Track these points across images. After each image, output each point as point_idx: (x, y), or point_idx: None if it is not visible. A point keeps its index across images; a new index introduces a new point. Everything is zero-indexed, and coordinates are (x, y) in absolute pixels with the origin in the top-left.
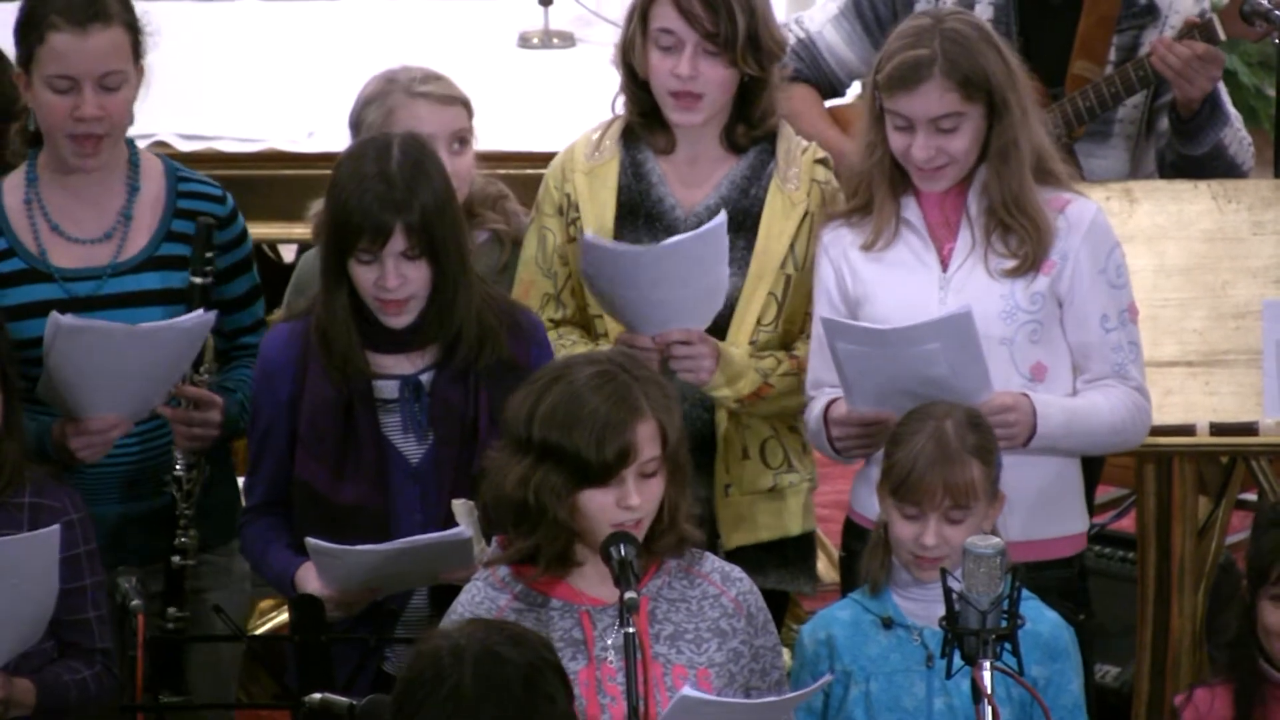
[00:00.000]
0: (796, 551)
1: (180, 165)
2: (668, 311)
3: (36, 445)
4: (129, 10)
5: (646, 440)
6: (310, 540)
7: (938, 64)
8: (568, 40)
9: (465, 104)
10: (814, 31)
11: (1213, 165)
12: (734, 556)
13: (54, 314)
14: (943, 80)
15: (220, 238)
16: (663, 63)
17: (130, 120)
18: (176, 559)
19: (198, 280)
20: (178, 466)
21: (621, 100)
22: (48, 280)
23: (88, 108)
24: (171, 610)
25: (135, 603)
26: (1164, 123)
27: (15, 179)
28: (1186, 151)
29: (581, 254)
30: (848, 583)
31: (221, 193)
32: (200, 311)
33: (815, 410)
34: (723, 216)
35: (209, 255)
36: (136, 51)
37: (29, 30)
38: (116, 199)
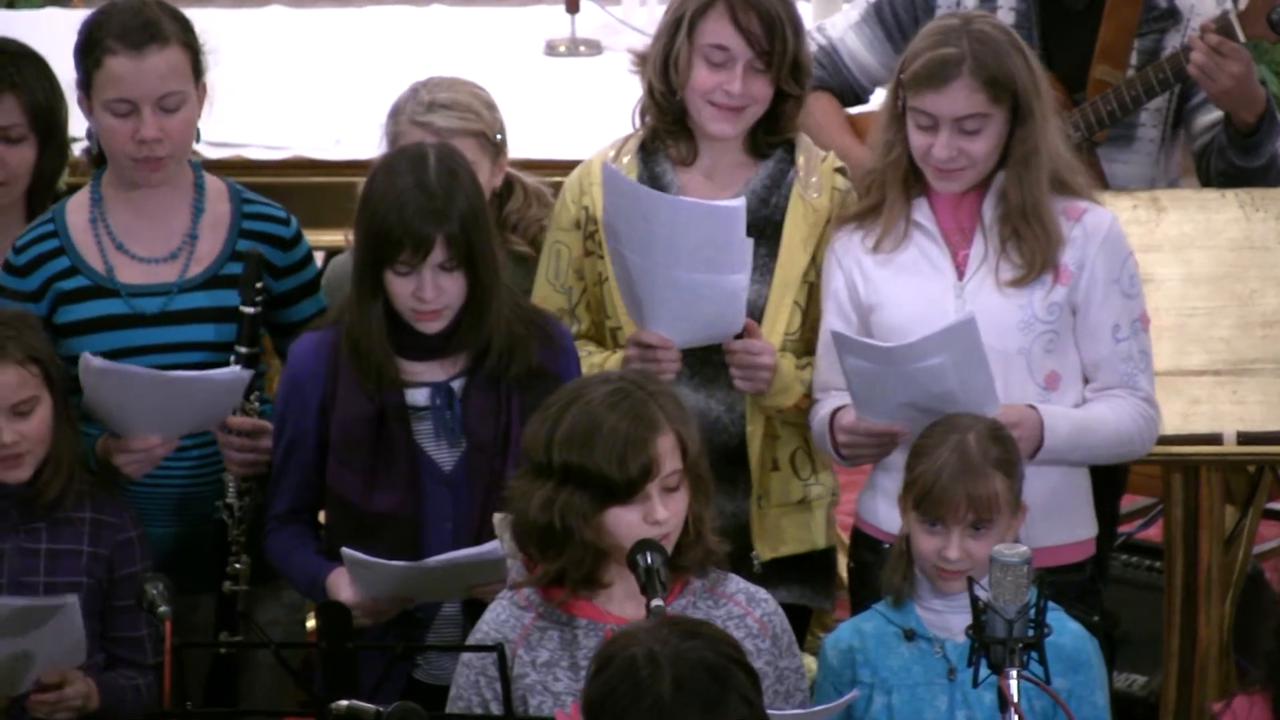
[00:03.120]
0: (820, 566)
1: (244, 188)
2: (673, 297)
3: (83, 460)
4: (187, 30)
5: (667, 453)
6: (346, 550)
7: (966, 64)
8: (594, 48)
9: (476, 134)
10: (835, 38)
11: (1264, 175)
12: (767, 571)
13: (84, 356)
14: (970, 80)
15: (284, 260)
16: (711, 77)
17: (195, 139)
18: (228, 584)
19: (248, 310)
20: (229, 492)
21: (645, 111)
22: (113, 296)
23: (148, 130)
24: (224, 635)
25: (162, 609)
26: (1197, 126)
27: (80, 198)
28: (1243, 164)
29: (603, 189)
30: (857, 594)
31: (286, 215)
32: (237, 368)
33: (821, 413)
34: (740, 201)
35: (259, 285)
36: (196, 70)
37: (86, 54)
38: (181, 219)
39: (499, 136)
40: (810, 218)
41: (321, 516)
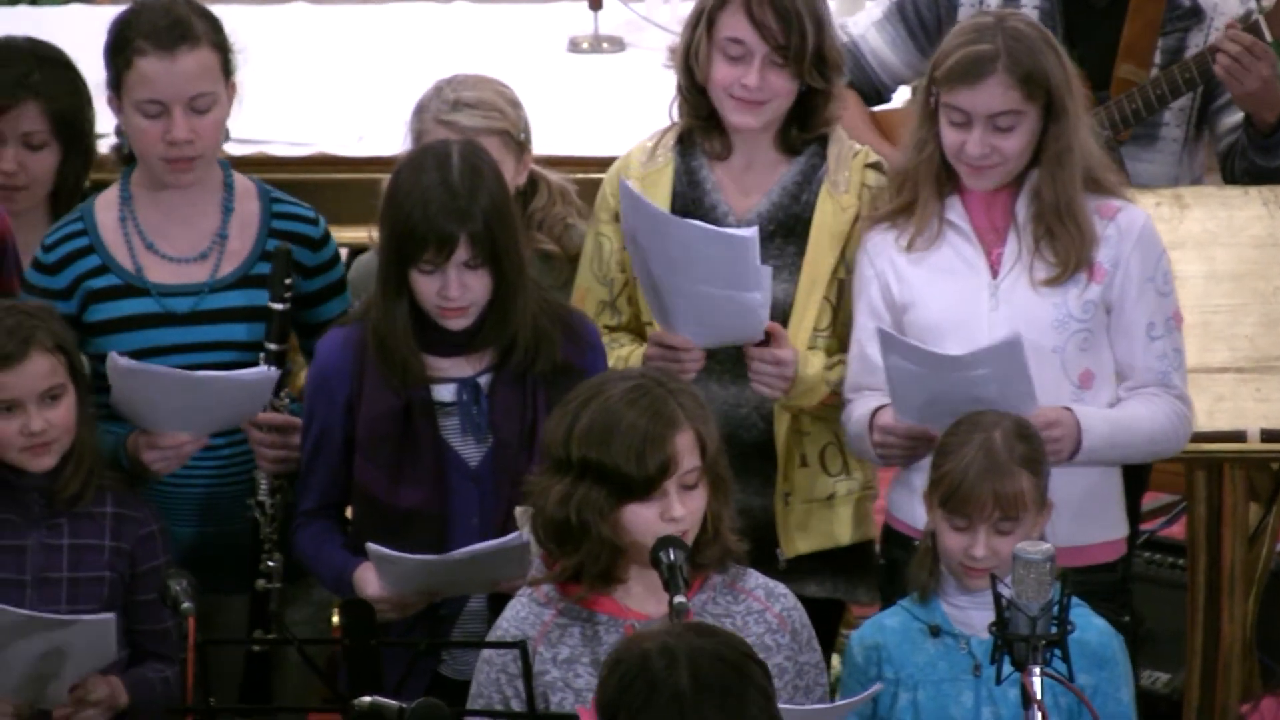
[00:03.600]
0: (855, 560)
1: (273, 188)
2: (692, 305)
3: (112, 456)
4: (217, 30)
5: (686, 451)
6: (371, 546)
7: (1001, 60)
8: (617, 45)
9: (500, 133)
10: (858, 35)
11: None
12: (793, 565)
13: (111, 355)
14: (1005, 76)
15: (313, 260)
16: (729, 71)
17: (225, 138)
18: (261, 582)
19: (277, 306)
20: (261, 489)
21: (678, 106)
22: (144, 295)
23: (178, 131)
24: (258, 633)
25: (186, 605)
26: (1222, 128)
27: (109, 196)
28: (1264, 164)
29: (621, 205)
30: (887, 591)
31: (314, 215)
32: (263, 369)
33: (857, 413)
34: (752, 232)
35: (288, 282)
36: (226, 70)
37: (116, 54)
38: (211, 219)
39: (523, 135)
40: (838, 214)
41: (349, 512)
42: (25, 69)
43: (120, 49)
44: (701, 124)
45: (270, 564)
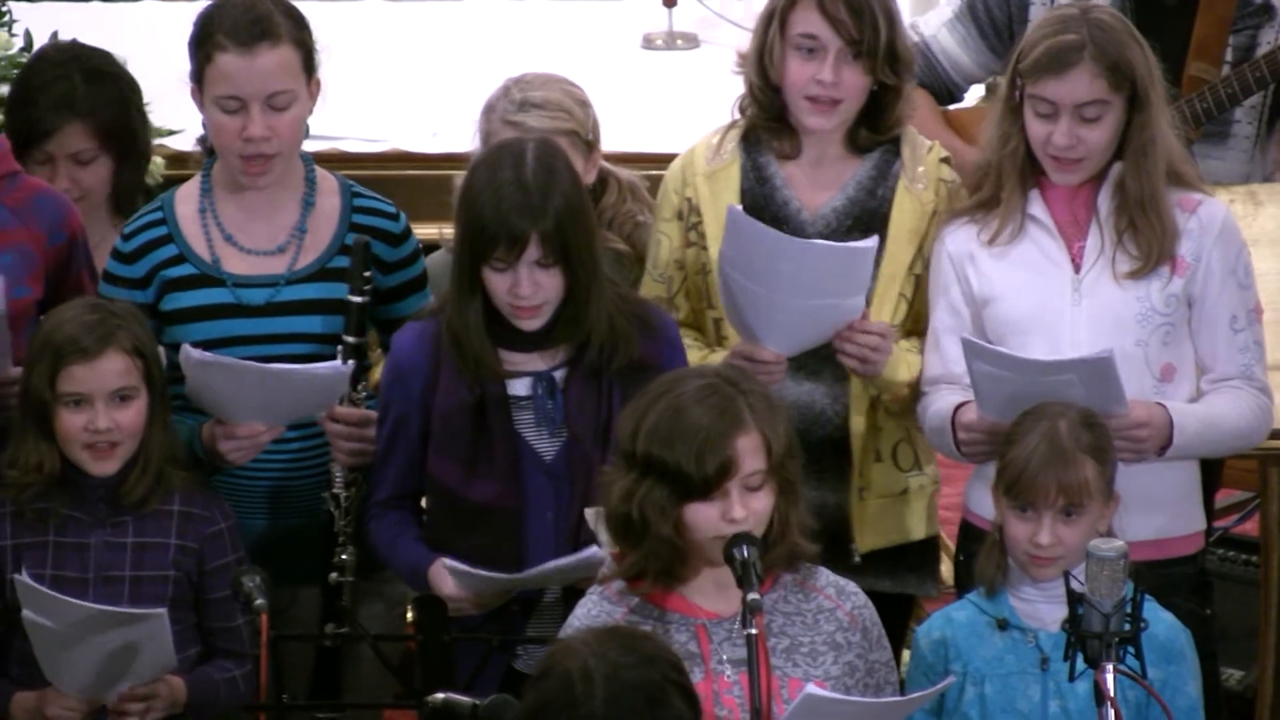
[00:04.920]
0: (922, 554)
1: (354, 183)
2: (794, 322)
3: (187, 446)
4: (300, 26)
5: (749, 453)
6: (447, 562)
7: (1088, 50)
8: (691, 42)
9: (568, 133)
10: (929, 35)
11: None
12: (866, 560)
13: (184, 348)
14: (1092, 65)
15: (393, 255)
16: (803, 68)
17: (304, 136)
18: (334, 576)
19: (355, 299)
20: (336, 483)
21: (743, 105)
22: (219, 285)
23: (255, 128)
24: (329, 626)
25: (259, 602)
26: None
27: (190, 188)
28: None
29: (725, 230)
30: (963, 586)
31: (395, 210)
32: (336, 364)
33: (935, 407)
34: (873, 241)
35: (366, 274)
36: (308, 68)
37: (198, 49)
38: (290, 215)
39: (590, 135)
40: (917, 210)
41: (424, 502)
42: (68, 88)
43: (202, 43)
44: (771, 124)
45: (344, 557)
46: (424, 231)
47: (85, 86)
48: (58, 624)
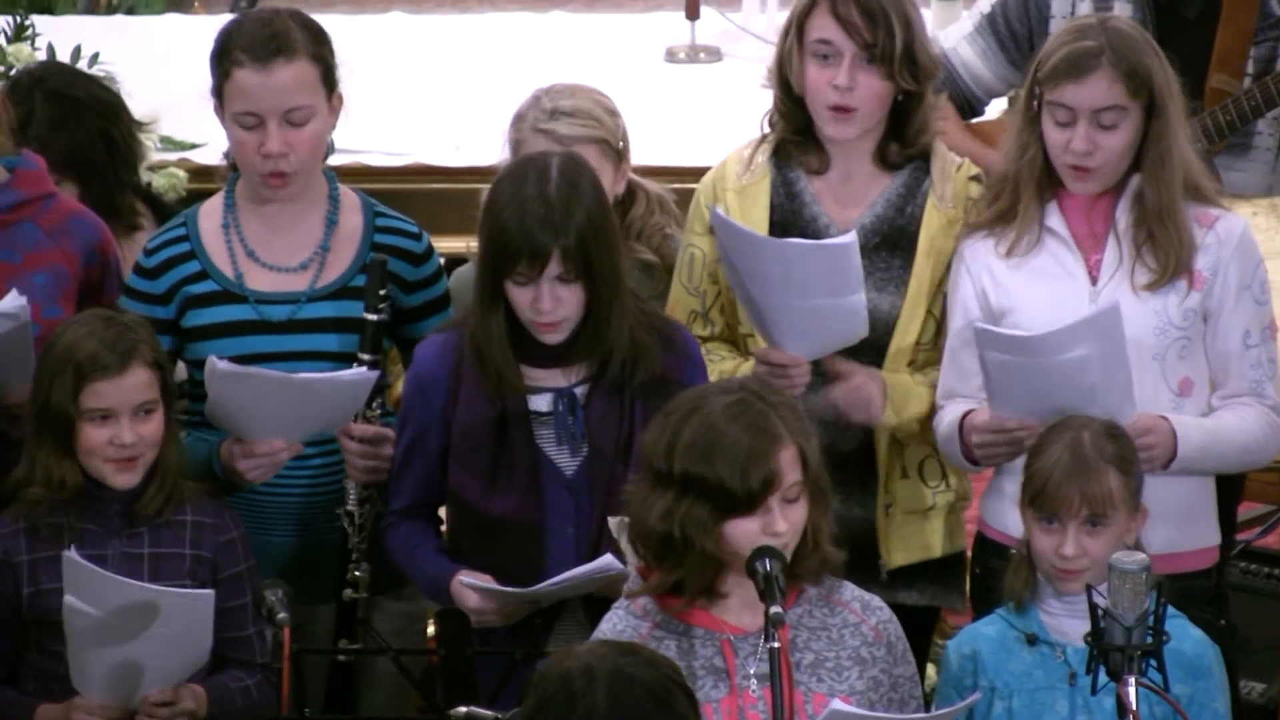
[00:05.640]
0: (950, 567)
1: (377, 201)
2: (799, 322)
3: (205, 465)
4: (319, 41)
5: (789, 465)
6: (467, 579)
7: (1106, 55)
8: (714, 55)
9: (598, 141)
10: (949, 48)
11: None
12: (893, 574)
13: (211, 359)
14: (1110, 71)
15: (415, 275)
16: (820, 74)
17: (326, 151)
18: (349, 592)
19: (371, 317)
20: (350, 499)
21: (771, 119)
22: (241, 302)
23: (272, 144)
24: (344, 642)
25: (281, 615)
26: None
27: (213, 204)
28: None
29: (715, 234)
30: (980, 600)
31: (417, 230)
32: (363, 369)
33: (948, 418)
34: (851, 236)
35: (383, 293)
36: (328, 83)
37: (218, 65)
38: (314, 231)
39: (621, 144)
40: (946, 228)
41: (442, 513)
42: (24, 114)
43: (221, 59)
44: (798, 138)
45: (358, 574)
46: (446, 245)
47: (42, 113)
48: (101, 609)
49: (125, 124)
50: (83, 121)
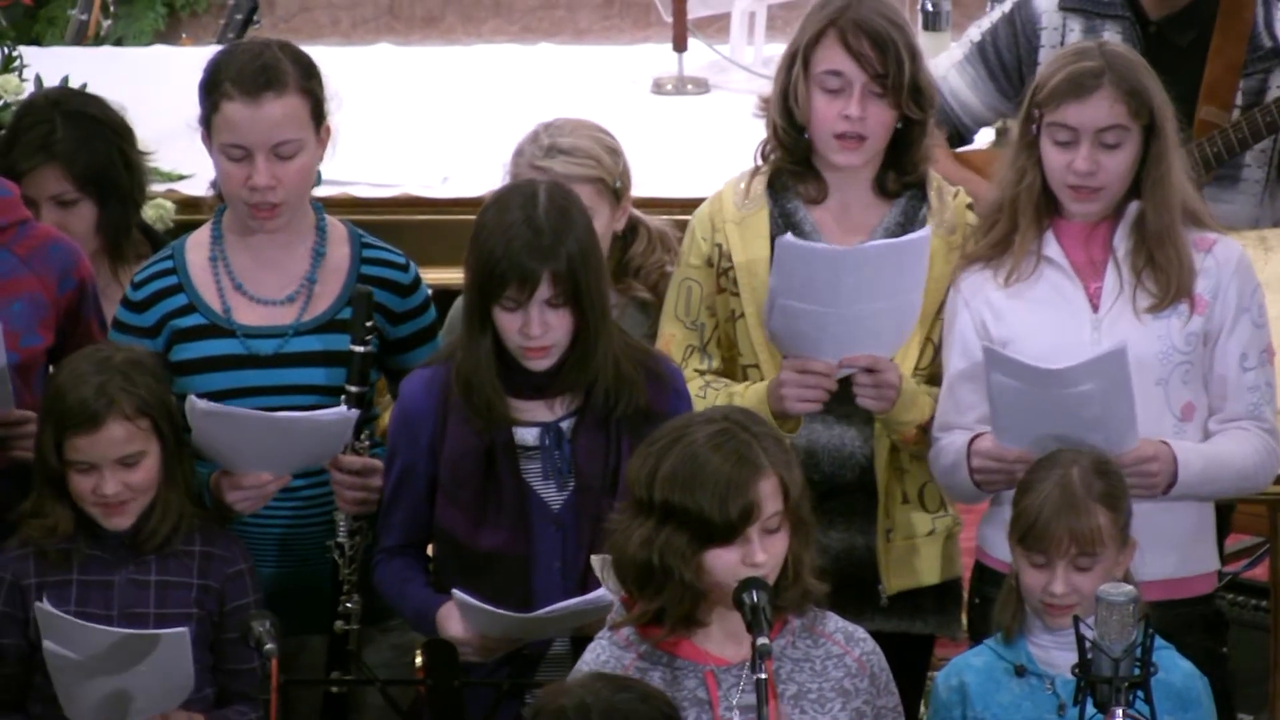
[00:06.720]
0: (947, 595)
1: (364, 232)
2: (857, 330)
3: (196, 495)
4: (308, 74)
5: (769, 496)
6: (458, 595)
7: (1107, 75)
8: (702, 86)
9: (594, 180)
10: (939, 77)
11: None
12: (893, 601)
13: (190, 398)
14: (1112, 90)
15: (402, 306)
16: (829, 105)
17: (313, 184)
18: (340, 624)
19: (357, 349)
20: (340, 531)
21: (765, 150)
22: (229, 336)
23: (260, 177)
24: (335, 674)
25: (269, 646)
26: None
27: (200, 236)
28: None
29: (774, 261)
30: (978, 628)
31: (405, 261)
32: (343, 409)
33: (950, 446)
34: (926, 231)
35: (369, 324)
36: (317, 116)
37: (206, 96)
38: (301, 263)
39: (618, 183)
40: (947, 254)
41: (430, 550)
42: (47, 130)
43: (210, 91)
44: (797, 168)
45: (349, 605)
46: (434, 277)
47: (65, 130)
48: (79, 653)
49: (136, 148)
50: (104, 141)
